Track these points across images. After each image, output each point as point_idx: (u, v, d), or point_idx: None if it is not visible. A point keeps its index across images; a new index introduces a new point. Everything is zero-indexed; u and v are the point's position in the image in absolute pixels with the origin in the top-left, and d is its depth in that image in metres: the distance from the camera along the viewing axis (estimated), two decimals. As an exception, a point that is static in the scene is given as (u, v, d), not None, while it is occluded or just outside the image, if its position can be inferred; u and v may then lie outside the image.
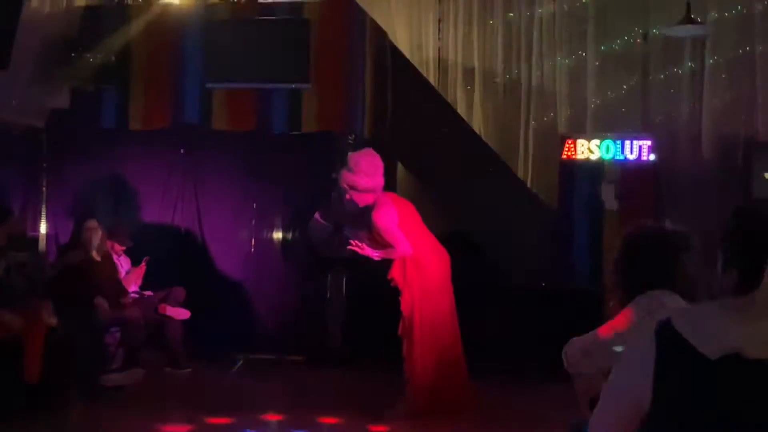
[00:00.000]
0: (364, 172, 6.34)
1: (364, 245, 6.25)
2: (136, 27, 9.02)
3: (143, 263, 8.28)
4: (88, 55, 8.99)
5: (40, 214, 9.26)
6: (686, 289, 2.94)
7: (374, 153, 6.57)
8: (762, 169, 8.62)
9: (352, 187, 6.37)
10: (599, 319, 3.19)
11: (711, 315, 1.95)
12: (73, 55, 8.97)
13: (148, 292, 8.25)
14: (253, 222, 9.14)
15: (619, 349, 2.92)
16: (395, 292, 6.49)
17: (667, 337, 1.96)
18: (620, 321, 3.02)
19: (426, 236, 6.57)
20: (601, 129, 9.25)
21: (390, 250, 6.30)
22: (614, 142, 8.69)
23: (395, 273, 6.42)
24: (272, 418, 6.57)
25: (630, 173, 8.67)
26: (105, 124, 9.21)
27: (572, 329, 3.26)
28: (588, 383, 3.01)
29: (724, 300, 1.99)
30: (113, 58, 9.05)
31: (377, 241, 6.40)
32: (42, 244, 9.18)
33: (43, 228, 9.24)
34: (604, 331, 3.04)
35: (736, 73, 9.13)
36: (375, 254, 6.31)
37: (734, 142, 9.02)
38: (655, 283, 3.00)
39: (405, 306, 6.39)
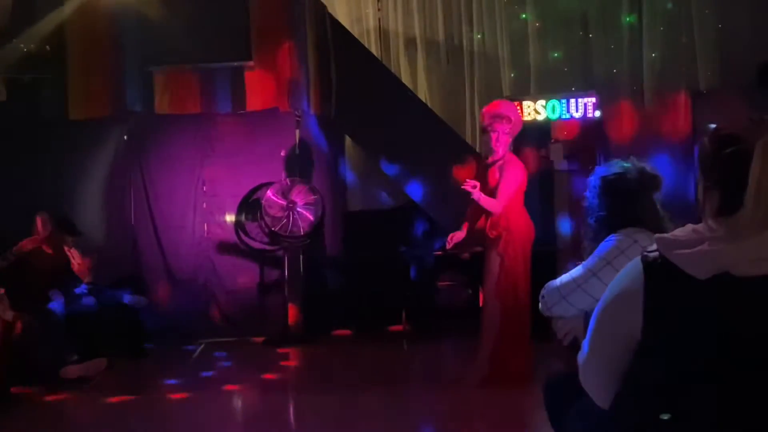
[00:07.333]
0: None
1: (477, 185, 6.26)
2: (69, 13, 8.81)
3: (93, 255, 8.14)
4: (22, 45, 8.77)
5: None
6: (656, 226, 2.96)
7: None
8: (705, 119, 8.72)
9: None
10: (554, 277, 3.19)
11: (697, 238, 1.97)
12: (5, 45, 8.73)
13: (102, 282, 8.10)
14: (205, 205, 9.04)
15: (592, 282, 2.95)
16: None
17: (654, 265, 1.98)
18: (594, 261, 3.03)
19: (522, 204, 6.58)
20: (546, 89, 9.30)
21: (491, 201, 6.30)
22: (560, 102, 8.74)
23: (493, 230, 6.39)
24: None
25: (577, 131, 8.73)
26: (44, 115, 8.99)
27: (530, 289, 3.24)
28: (568, 326, 3.03)
29: (708, 222, 2.02)
30: (48, 47, 8.83)
31: (485, 188, 6.40)
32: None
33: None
34: (580, 272, 3.05)
35: (674, 25, 9.21)
36: (480, 197, 6.25)
37: (676, 94, 9.12)
38: (627, 222, 3.03)
39: (492, 266, 6.34)
